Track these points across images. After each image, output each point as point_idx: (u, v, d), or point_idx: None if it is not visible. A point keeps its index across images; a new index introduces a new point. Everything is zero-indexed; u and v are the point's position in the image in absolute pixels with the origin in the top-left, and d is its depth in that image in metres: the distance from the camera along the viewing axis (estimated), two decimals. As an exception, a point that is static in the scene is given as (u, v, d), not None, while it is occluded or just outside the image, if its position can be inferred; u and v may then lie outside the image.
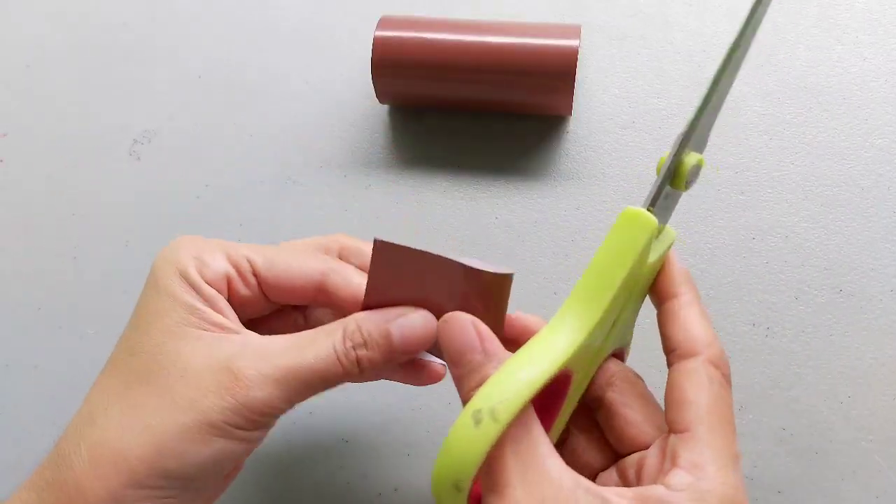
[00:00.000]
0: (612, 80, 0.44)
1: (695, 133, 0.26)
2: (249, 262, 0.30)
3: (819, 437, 0.37)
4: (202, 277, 0.29)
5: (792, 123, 0.42)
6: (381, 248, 0.27)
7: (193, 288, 0.28)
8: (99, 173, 0.45)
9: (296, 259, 0.30)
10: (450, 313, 0.27)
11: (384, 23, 0.41)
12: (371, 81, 0.42)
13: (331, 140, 0.44)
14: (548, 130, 0.43)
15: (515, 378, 0.24)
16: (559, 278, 0.40)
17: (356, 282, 0.30)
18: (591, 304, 0.25)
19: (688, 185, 0.26)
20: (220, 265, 0.29)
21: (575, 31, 0.39)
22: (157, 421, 0.26)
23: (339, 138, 0.44)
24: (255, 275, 0.30)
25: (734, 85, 0.43)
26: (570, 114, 0.42)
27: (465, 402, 0.26)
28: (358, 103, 0.45)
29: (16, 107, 0.47)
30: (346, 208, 0.43)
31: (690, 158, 0.26)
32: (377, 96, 0.42)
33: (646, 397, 0.29)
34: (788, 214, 0.40)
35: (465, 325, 0.26)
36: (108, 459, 0.26)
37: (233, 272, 0.30)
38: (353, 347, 0.28)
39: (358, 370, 0.28)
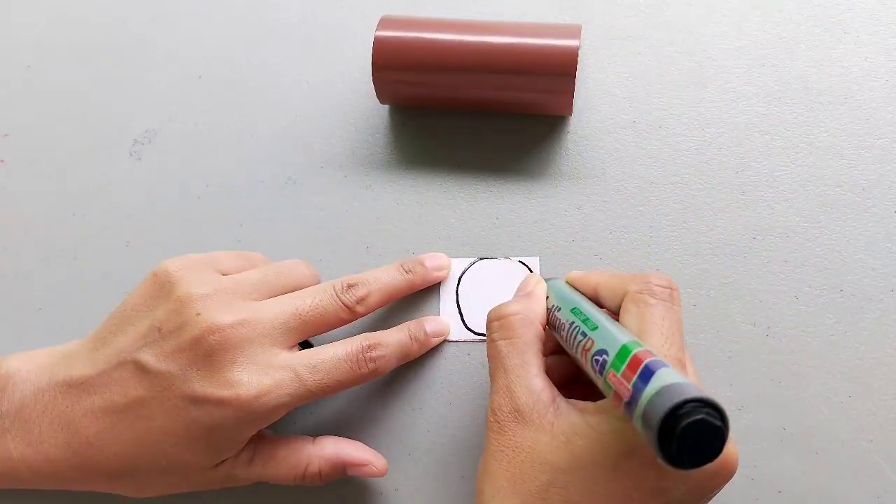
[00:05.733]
0: (613, 80, 0.44)
1: None
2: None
3: (819, 437, 0.37)
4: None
5: (792, 123, 0.42)
6: None
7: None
8: (100, 173, 0.45)
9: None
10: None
11: (384, 23, 0.41)
12: (371, 81, 0.42)
13: (331, 140, 0.44)
14: (548, 130, 0.43)
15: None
16: (559, 277, 0.40)
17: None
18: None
19: None
20: None
21: (575, 31, 0.39)
22: None
23: (339, 138, 0.44)
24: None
25: (734, 85, 0.43)
26: (571, 114, 0.42)
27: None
28: (358, 103, 0.45)
29: (16, 107, 0.47)
30: (347, 208, 0.43)
31: None
32: (378, 96, 0.42)
33: None
34: (789, 214, 0.40)
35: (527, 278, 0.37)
36: None
37: None
38: None
39: None
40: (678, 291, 0.31)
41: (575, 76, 0.39)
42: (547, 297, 0.35)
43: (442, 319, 0.39)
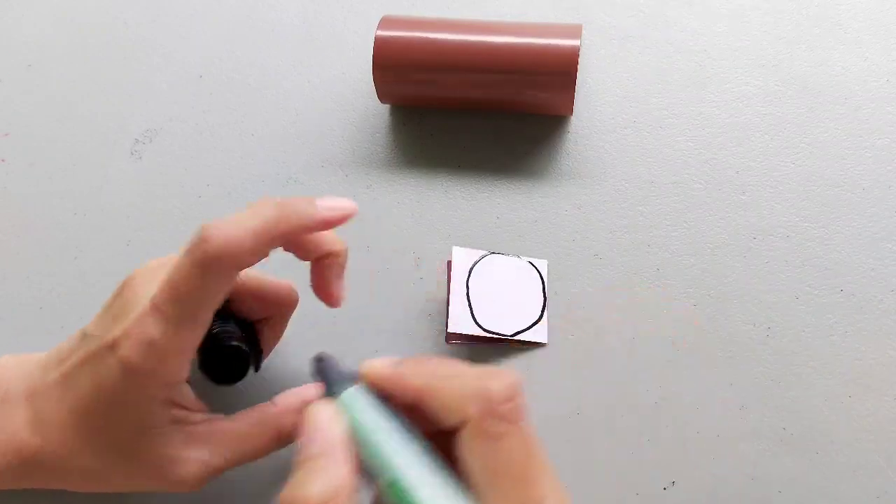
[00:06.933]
0: (613, 80, 0.44)
1: None
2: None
3: (819, 437, 0.37)
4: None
5: (793, 123, 0.42)
6: None
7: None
8: (100, 173, 0.45)
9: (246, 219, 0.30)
10: None
11: (385, 23, 0.41)
12: (372, 81, 0.42)
13: (332, 140, 0.44)
14: (548, 130, 0.43)
15: None
16: (559, 278, 0.40)
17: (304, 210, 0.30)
18: None
19: None
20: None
21: (576, 31, 0.39)
22: None
23: (340, 138, 0.44)
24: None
25: (734, 85, 0.43)
26: (571, 113, 0.42)
27: None
28: (359, 103, 0.45)
29: (17, 107, 0.47)
30: (347, 208, 0.43)
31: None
32: (378, 96, 0.42)
33: None
34: (789, 214, 0.40)
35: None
36: None
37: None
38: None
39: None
40: (522, 398, 0.26)
41: (575, 76, 0.39)
42: (350, 428, 0.27)
43: (340, 199, 0.32)
